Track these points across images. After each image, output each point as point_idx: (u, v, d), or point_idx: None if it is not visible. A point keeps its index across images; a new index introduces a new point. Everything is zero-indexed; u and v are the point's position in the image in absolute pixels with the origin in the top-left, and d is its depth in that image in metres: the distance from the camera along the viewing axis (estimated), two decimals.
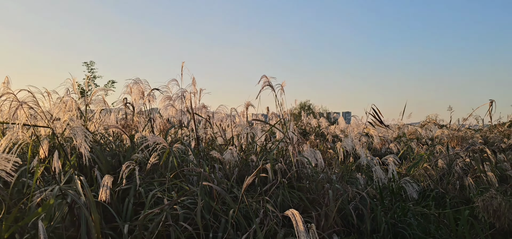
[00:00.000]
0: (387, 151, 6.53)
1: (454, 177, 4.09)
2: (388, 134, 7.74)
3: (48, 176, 3.05)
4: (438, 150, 4.85)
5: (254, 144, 4.41)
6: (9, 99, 1.94)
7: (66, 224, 2.30)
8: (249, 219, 2.62)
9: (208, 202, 2.63)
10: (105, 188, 2.14)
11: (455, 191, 3.90)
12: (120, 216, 2.66)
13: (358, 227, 2.92)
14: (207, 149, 4.28)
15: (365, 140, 5.53)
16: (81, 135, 2.52)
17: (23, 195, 2.65)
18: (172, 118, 4.85)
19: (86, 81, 5.47)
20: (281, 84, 3.60)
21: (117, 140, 4.30)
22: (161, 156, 3.05)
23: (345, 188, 3.14)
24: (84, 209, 2.03)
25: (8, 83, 4.00)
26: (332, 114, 15.40)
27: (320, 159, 3.47)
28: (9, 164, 1.62)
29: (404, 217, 3.02)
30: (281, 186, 2.98)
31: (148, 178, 3.17)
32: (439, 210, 3.31)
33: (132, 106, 4.34)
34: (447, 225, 3.09)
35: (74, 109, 3.60)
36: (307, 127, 8.48)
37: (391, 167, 3.60)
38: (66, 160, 3.08)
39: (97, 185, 2.77)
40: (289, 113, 7.76)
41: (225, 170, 3.42)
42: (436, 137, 6.31)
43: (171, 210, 2.50)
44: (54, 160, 2.56)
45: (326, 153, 5.55)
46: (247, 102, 4.87)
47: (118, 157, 3.57)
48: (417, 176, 4.18)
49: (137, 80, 4.30)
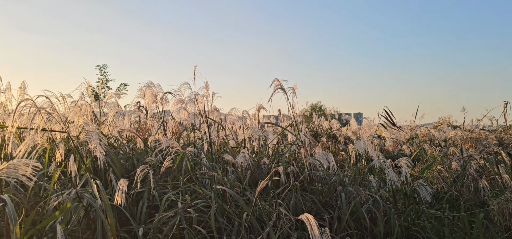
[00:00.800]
0: (400, 153, 6.48)
1: (468, 179, 4.04)
2: (401, 136, 7.68)
3: (64, 179, 3.10)
4: (452, 151, 4.80)
5: (266, 146, 4.42)
6: (27, 105, 1.99)
7: (82, 227, 2.34)
8: (262, 222, 2.63)
9: (221, 205, 2.64)
10: (121, 192, 2.18)
11: (469, 193, 3.86)
12: (134, 219, 2.69)
13: (371, 230, 2.91)
14: (220, 151, 4.31)
15: (377, 142, 5.50)
16: (96, 139, 2.56)
17: (40, 198, 2.70)
18: (184, 121, 4.89)
19: (99, 84, 5.54)
20: (293, 87, 3.60)
21: (131, 143, 4.35)
22: (175, 159, 3.08)
23: (358, 191, 3.13)
24: (100, 212, 2.07)
25: (25, 88, 4.08)
26: (343, 116, 15.33)
27: (333, 162, 3.47)
28: (29, 169, 1.66)
29: (418, 220, 3.00)
30: (294, 189, 2.99)
31: (161, 181, 3.21)
32: (453, 213, 3.28)
33: (145, 109, 4.39)
34: (462, 228, 3.06)
35: (89, 113, 3.66)
36: (319, 128, 8.46)
37: (404, 169, 3.57)
38: (81, 163, 3.13)
39: (112, 188, 2.81)
40: (301, 115, 7.75)
41: (237, 173, 3.44)
42: (450, 139, 6.24)
43: (185, 213, 2.52)
44: (70, 163, 2.61)
45: (338, 155, 5.54)
46: (259, 105, 4.88)
47: (132, 160, 3.62)
48: (430, 178, 4.14)
49: (150, 83, 4.35)
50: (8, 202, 1.53)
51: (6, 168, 1.62)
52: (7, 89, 4.26)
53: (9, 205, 1.52)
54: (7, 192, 2.38)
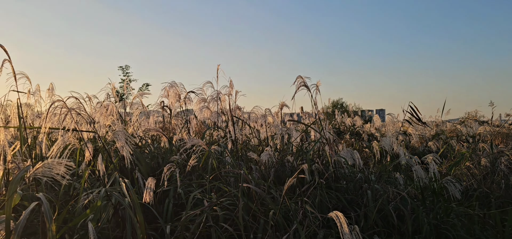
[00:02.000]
0: (426, 150, 6.35)
1: (499, 176, 3.93)
2: (426, 132, 7.52)
3: (92, 177, 3.17)
4: (481, 147, 4.68)
5: (290, 144, 4.40)
6: (59, 106, 2.04)
7: (112, 225, 2.38)
8: (288, 220, 2.62)
9: (247, 203, 2.65)
10: (149, 190, 2.21)
11: (500, 190, 3.75)
12: (161, 217, 2.73)
13: (399, 228, 2.86)
14: (243, 150, 4.32)
15: (402, 138, 5.40)
16: (123, 139, 2.60)
17: (70, 196, 2.77)
18: (207, 120, 4.92)
19: (124, 85, 5.64)
20: (316, 84, 3.57)
21: (155, 142, 4.41)
22: (200, 157, 3.10)
23: (384, 188, 3.09)
24: (129, 210, 2.10)
25: (53, 90, 4.18)
26: (366, 112, 15.13)
27: (358, 159, 3.43)
28: (62, 167, 1.70)
29: (447, 218, 2.93)
30: (319, 187, 2.97)
31: (186, 179, 3.24)
32: (483, 210, 3.19)
33: (169, 109, 4.44)
34: (493, 226, 2.98)
35: (115, 113, 3.73)
36: (342, 126, 8.37)
37: (432, 166, 3.50)
38: (108, 163, 3.20)
39: (138, 186, 2.86)
40: (323, 112, 7.69)
41: (261, 170, 3.44)
42: (478, 134, 6.07)
43: (211, 211, 2.54)
44: (99, 162, 2.67)
45: (362, 152, 5.47)
46: (282, 102, 4.86)
47: (157, 159, 3.67)
48: (459, 175, 4.04)
49: (173, 83, 4.39)
50: (43, 200, 1.57)
51: (41, 167, 1.66)
52: (36, 92, 4.38)
53: (44, 203, 1.56)
54: (39, 190, 2.45)
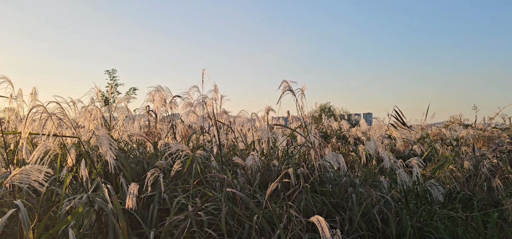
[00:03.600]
0: (411, 153, 6.42)
1: (481, 178, 3.99)
2: (411, 135, 7.61)
3: (75, 183, 3.13)
4: (464, 151, 4.75)
5: (276, 148, 4.41)
6: (39, 111, 2.01)
7: (94, 231, 2.35)
8: (273, 224, 2.62)
9: (231, 207, 2.64)
10: (132, 196, 2.19)
11: (482, 193, 3.81)
12: (145, 223, 2.71)
13: (383, 231, 2.88)
14: (229, 154, 4.31)
15: (388, 142, 5.46)
16: (107, 144, 2.57)
17: (52, 203, 2.73)
18: (193, 124, 4.90)
19: (109, 89, 5.58)
20: (302, 89, 3.59)
21: (140, 147, 4.37)
22: (185, 162, 3.09)
23: (368, 192, 3.11)
24: (112, 217, 2.08)
25: (36, 94, 4.13)
26: (353, 116, 15.24)
27: (343, 163, 3.45)
28: (41, 174, 1.67)
29: (431, 221, 2.97)
30: (304, 191, 2.98)
31: (171, 184, 3.21)
32: (466, 213, 3.23)
33: (155, 113, 4.41)
34: (475, 229, 3.02)
35: (99, 118, 3.69)
36: (328, 129, 8.42)
37: (415, 169, 3.54)
38: (92, 168, 3.16)
39: (123, 192, 2.83)
40: (310, 117, 7.73)
41: (247, 175, 3.43)
42: (461, 138, 6.17)
43: (196, 216, 2.52)
44: (81, 168, 2.63)
45: (348, 156, 5.50)
46: (268, 106, 4.87)
47: (142, 163, 3.63)
48: (442, 178, 4.09)
49: (159, 87, 4.36)
50: (21, 207, 1.54)
51: (19, 173, 1.64)
52: (19, 96, 4.31)
53: (22, 210, 1.53)
54: (20, 197, 2.40)
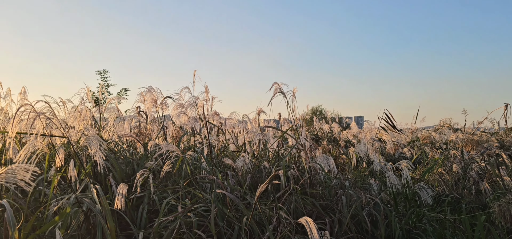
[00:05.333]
0: (401, 156, 6.47)
1: (470, 181, 4.03)
2: (402, 139, 7.67)
3: (64, 184, 3.10)
4: (453, 154, 4.79)
5: (267, 150, 4.41)
6: (27, 110, 1.99)
7: (82, 232, 2.33)
8: (263, 226, 2.62)
9: (221, 209, 2.64)
10: (121, 197, 2.17)
11: (470, 196, 3.85)
12: (135, 224, 2.69)
13: (372, 234, 2.90)
14: (220, 155, 4.30)
15: (378, 145, 5.49)
16: (96, 144, 2.55)
17: (40, 203, 2.70)
18: (184, 125, 4.89)
19: (100, 90, 5.55)
20: (293, 91, 3.60)
21: (131, 148, 4.34)
22: (175, 163, 3.07)
23: (358, 194, 3.12)
24: (100, 217, 2.06)
25: (25, 94, 4.08)
26: (344, 119, 15.30)
27: (333, 165, 3.46)
28: (28, 174, 1.65)
29: (419, 223, 2.99)
30: (294, 193, 2.98)
31: (161, 185, 3.20)
32: (454, 215, 3.26)
33: (145, 114, 4.39)
34: (463, 231, 3.05)
35: (89, 118, 3.66)
36: (319, 132, 8.45)
37: (405, 172, 3.56)
38: (81, 169, 3.13)
39: (112, 192, 2.81)
40: (301, 119, 7.75)
41: (238, 176, 3.43)
42: (451, 141, 6.23)
43: (185, 218, 2.51)
44: (70, 168, 2.61)
45: (339, 158, 5.52)
46: (259, 108, 4.88)
47: (132, 164, 3.61)
48: (431, 181, 4.13)
49: (150, 88, 4.34)
50: (7, 207, 1.52)
51: (4, 173, 1.62)
52: (8, 95, 4.26)
53: (8, 210, 1.51)
54: (6, 197, 2.37)
